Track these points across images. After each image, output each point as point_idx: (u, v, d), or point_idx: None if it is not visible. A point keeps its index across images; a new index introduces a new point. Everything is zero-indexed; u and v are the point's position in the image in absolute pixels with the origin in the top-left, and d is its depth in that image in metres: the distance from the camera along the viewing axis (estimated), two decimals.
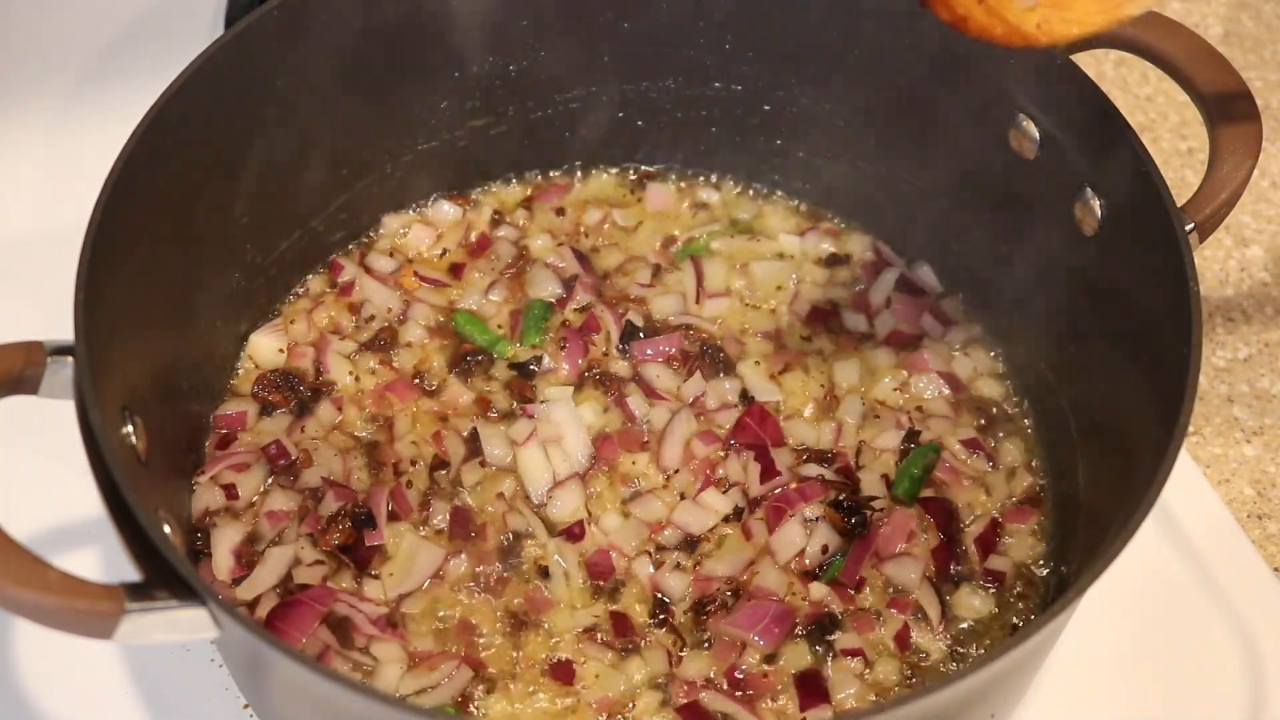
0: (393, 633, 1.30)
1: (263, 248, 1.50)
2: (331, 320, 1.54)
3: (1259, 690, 1.39)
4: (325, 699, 1.04)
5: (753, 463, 1.42)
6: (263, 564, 1.34)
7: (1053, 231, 1.39)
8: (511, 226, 1.63)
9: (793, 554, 1.36)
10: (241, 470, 1.40)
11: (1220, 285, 1.77)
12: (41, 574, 0.96)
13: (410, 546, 1.36)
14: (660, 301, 1.56)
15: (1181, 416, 1.11)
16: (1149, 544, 1.45)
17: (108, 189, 1.19)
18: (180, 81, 1.29)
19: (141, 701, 1.35)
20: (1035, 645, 1.12)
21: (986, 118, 1.43)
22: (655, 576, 1.34)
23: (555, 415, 1.44)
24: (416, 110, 1.57)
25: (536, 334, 1.53)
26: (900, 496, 1.40)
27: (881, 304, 1.57)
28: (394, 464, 1.42)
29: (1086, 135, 1.33)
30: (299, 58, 1.41)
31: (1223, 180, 1.25)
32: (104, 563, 1.42)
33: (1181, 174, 1.90)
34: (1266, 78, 2.03)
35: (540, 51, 1.56)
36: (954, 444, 1.45)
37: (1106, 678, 1.39)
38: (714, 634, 1.31)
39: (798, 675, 1.29)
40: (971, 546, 1.39)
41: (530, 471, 1.41)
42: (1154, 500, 1.07)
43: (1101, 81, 1.70)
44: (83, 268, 1.14)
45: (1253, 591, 1.45)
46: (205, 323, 1.44)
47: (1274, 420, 1.65)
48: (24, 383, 1.09)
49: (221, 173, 1.38)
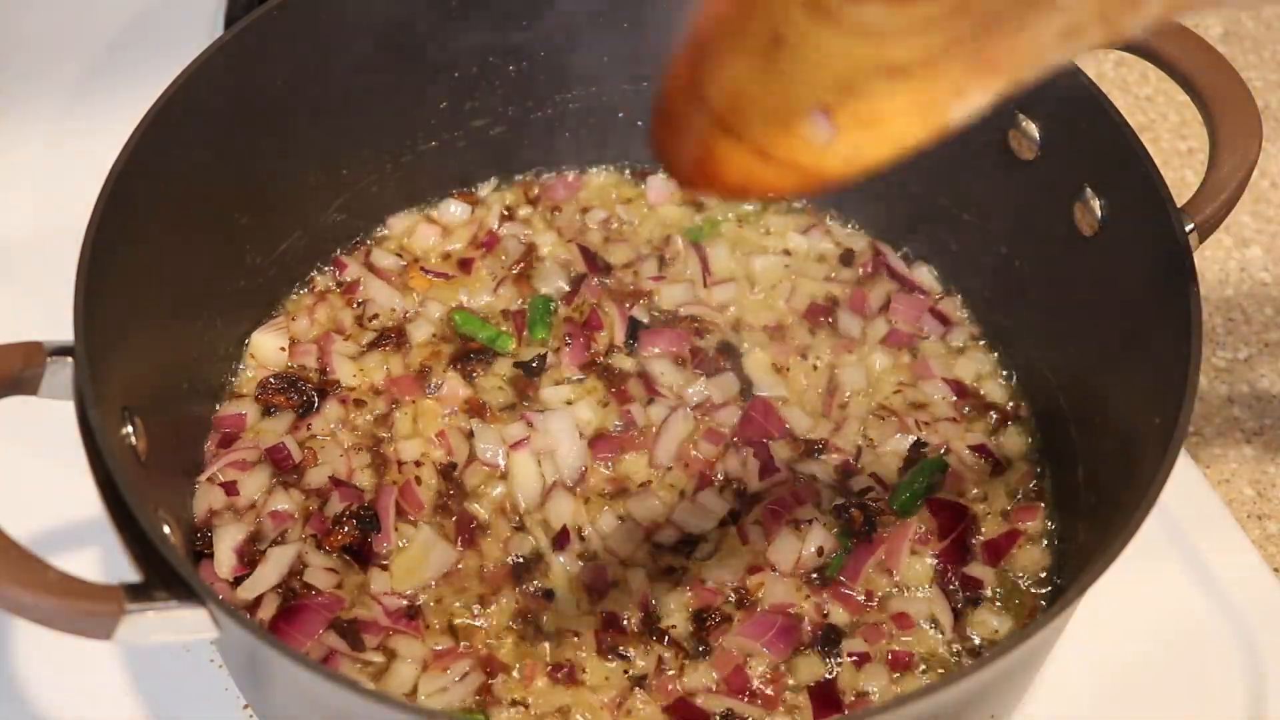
0: (409, 624, 1.30)
1: (263, 248, 1.50)
2: (334, 318, 1.54)
3: (1259, 690, 1.39)
4: (325, 699, 1.04)
5: (752, 459, 1.42)
6: (264, 563, 1.34)
7: (1053, 231, 1.39)
8: (518, 223, 1.63)
9: (793, 560, 1.36)
10: (244, 469, 1.40)
11: (1220, 285, 1.77)
12: (41, 574, 0.96)
13: (424, 543, 1.36)
14: (668, 291, 1.56)
15: (1181, 416, 1.11)
16: (1149, 544, 1.44)
17: (108, 189, 1.19)
18: (180, 81, 1.29)
19: (141, 701, 1.35)
20: (1035, 645, 1.12)
21: (986, 118, 1.42)
22: (648, 593, 1.34)
23: (553, 425, 1.44)
24: (416, 110, 1.57)
25: (543, 329, 1.53)
26: (897, 510, 1.40)
27: (881, 304, 1.57)
28: (398, 463, 1.42)
29: (1086, 135, 1.33)
30: (299, 58, 1.41)
31: (1223, 180, 1.25)
32: (104, 563, 1.42)
33: (1181, 174, 1.90)
34: (1266, 78, 2.03)
35: (540, 52, 1.57)
36: (962, 449, 1.45)
37: (1106, 678, 1.39)
38: (718, 647, 1.31)
39: (811, 687, 1.29)
40: (980, 551, 1.38)
41: (521, 480, 1.41)
42: (1154, 500, 1.07)
43: (1101, 81, 1.70)
44: (83, 268, 1.14)
45: (1253, 591, 1.45)
46: (205, 323, 1.44)
47: (1274, 420, 1.65)
48: (24, 383, 1.09)
49: (221, 173, 1.38)
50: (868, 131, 0.94)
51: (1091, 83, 1.32)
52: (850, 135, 0.93)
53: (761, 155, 0.95)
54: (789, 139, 0.94)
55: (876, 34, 0.88)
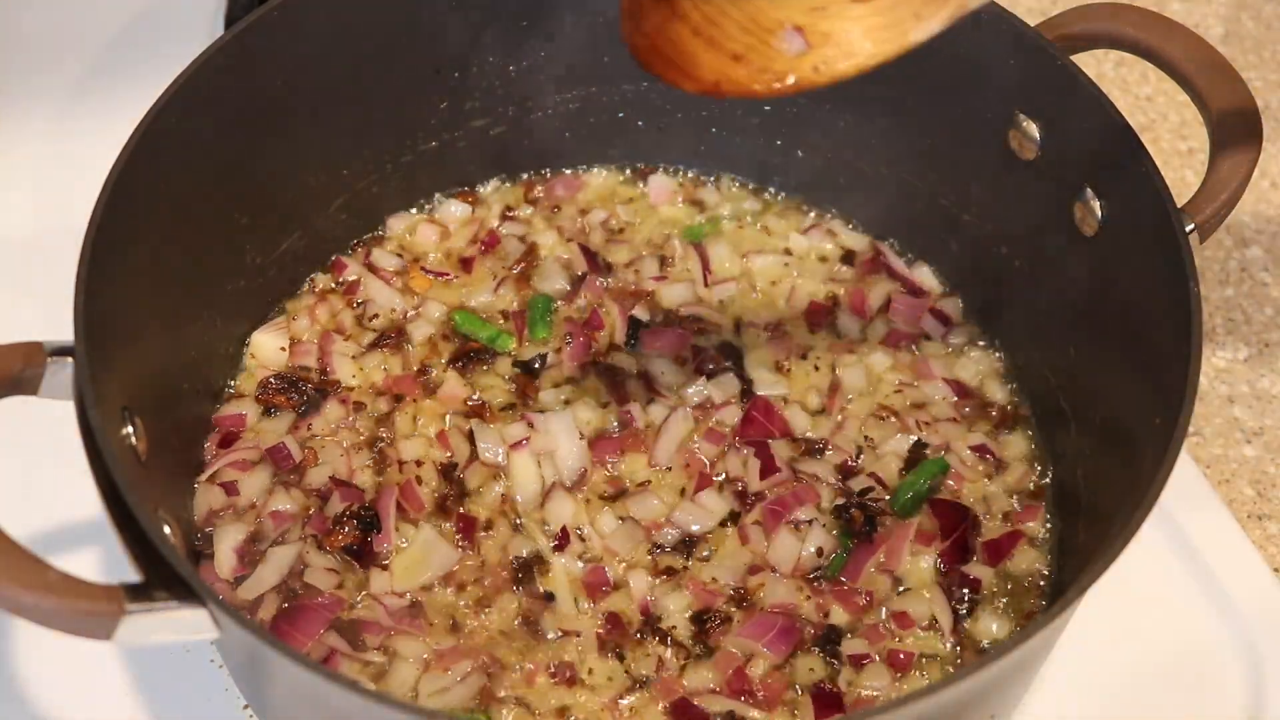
0: (411, 623, 1.30)
1: (263, 248, 1.50)
2: (334, 318, 1.54)
3: (1259, 690, 1.39)
4: (325, 699, 1.04)
5: (753, 459, 1.42)
6: (264, 563, 1.34)
7: (1053, 231, 1.39)
8: (519, 223, 1.63)
9: (793, 561, 1.35)
10: (244, 469, 1.40)
11: (1220, 285, 1.77)
12: (41, 574, 0.96)
13: (425, 543, 1.36)
14: (669, 290, 1.57)
15: (1181, 417, 1.11)
16: (1149, 544, 1.44)
17: (108, 189, 1.19)
18: (180, 81, 1.29)
19: (141, 701, 1.35)
20: (1035, 645, 1.12)
21: (987, 118, 1.43)
22: (648, 600, 1.33)
23: (553, 426, 1.44)
24: (416, 110, 1.57)
25: (544, 329, 1.53)
26: (898, 511, 1.40)
27: (881, 304, 1.57)
28: (399, 463, 1.42)
29: (1086, 135, 1.33)
30: (299, 58, 1.41)
31: (1223, 180, 1.25)
32: (104, 563, 1.42)
33: (1181, 174, 1.90)
34: (1266, 78, 2.03)
35: (540, 51, 1.57)
36: (963, 449, 1.45)
37: (1107, 678, 1.39)
38: (718, 648, 1.31)
39: (812, 689, 1.29)
40: (981, 552, 1.38)
41: (521, 481, 1.41)
42: (1154, 500, 1.07)
43: (1101, 81, 1.69)
44: (83, 268, 1.14)
45: (1253, 591, 1.45)
46: (206, 323, 1.44)
47: (1274, 420, 1.65)
48: (24, 383, 1.09)
49: (221, 173, 1.38)
50: (837, 47, 1.02)
51: (1091, 83, 1.32)
52: (820, 49, 1.02)
53: (735, 58, 1.03)
54: (763, 49, 1.02)
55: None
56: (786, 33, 1.02)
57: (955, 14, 1.01)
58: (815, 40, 1.02)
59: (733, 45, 1.03)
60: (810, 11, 1.01)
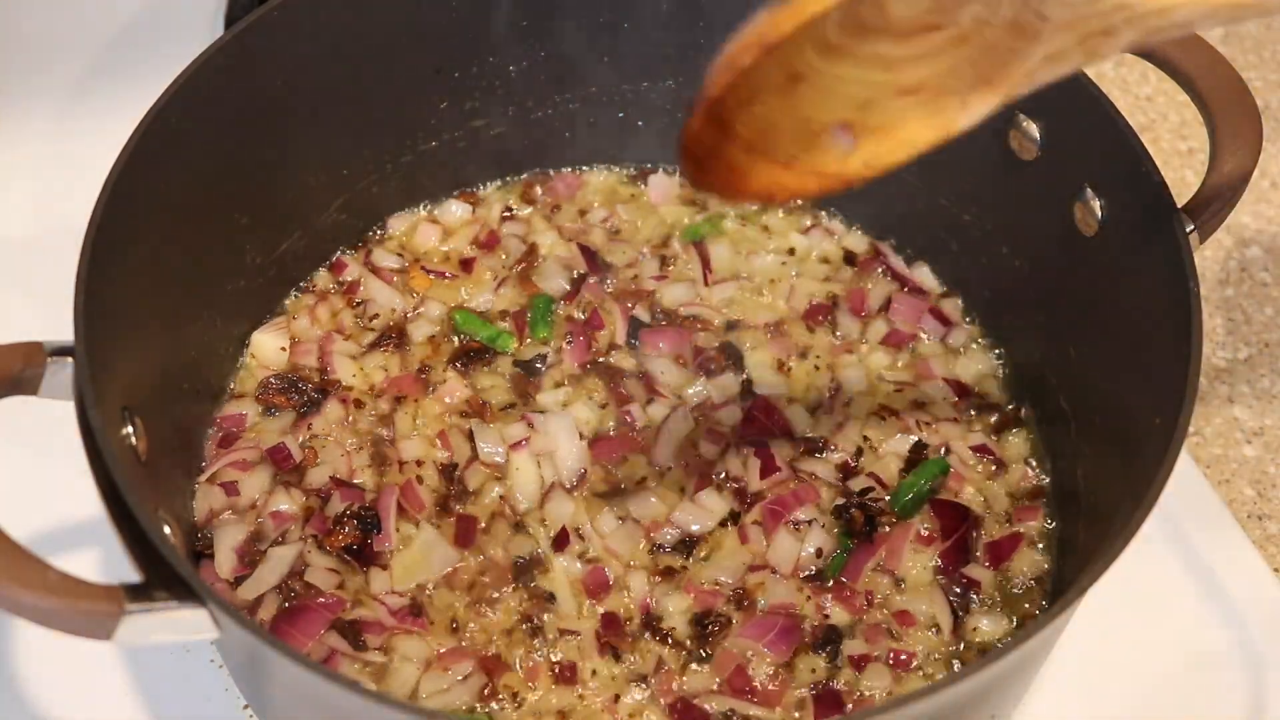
0: (413, 622, 1.30)
1: (263, 248, 1.50)
2: (335, 318, 1.54)
3: (1259, 691, 1.39)
4: (325, 700, 1.04)
5: (752, 459, 1.42)
6: (265, 563, 1.34)
7: (1053, 231, 1.39)
8: (519, 223, 1.63)
9: (793, 561, 1.35)
10: (244, 469, 1.40)
11: (1220, 285, 1.77)
12: (41, 574, 0.96)
13: (425, 543, 1.36)
14: (670, 291, 1.57)
15: (1181, 417, 1.11)
16: (1149, 544, 1.44)
17: (108, 189, 1.19)
18: (180, 81, 1.29)
19: (141, 701, 1.35)
20: (1035, 646, 1.12)
21: (986, 118, 1.43)
22: (648, 600, 1.33)
23: (552, 427, 1.44)
24: (416, 110, 1.57)
25: (545, 328, 1.53)
26: (898, 511, 1.39)
27: (881, 304, 1.57)
28: (399, 463, 1.42)
29: (1086, 135, 1.33)
30: (299, 58, 1.41)
31: (1223, 180, 1.25)
32: (104, 563, 1.42)
33: (1181, 174, 1.90)
34: (1266, 78, 2.03)
35: (540, 51, 1.57)
36: (963, 449, 1.45)
37: (1106, 678, 1.40)
38: (718, 649, 1.31)
39: (813, 689, 1.29)
40: (982, 553, 1.38)
41: (520, 481, 1.41)
42: (1154, 501, 1.07)
43: (1101, 81, 1.69)
44: (83, 268, 1.14)
45: (1253, 591, 1.45)
46: (206, 323, 1.44)
47: (1274, 420, 1.65)
48: (24, 383, 1.09)
49: (221, 173, 1.38)
50: (885, 140, 1.03)
51: (1091, 83, 1.32)
52: (869, 144, 1.03)
53: (786, 166, 1.03)
54: (812, 152, 1.03)
55: (888, 62, 0.97)
56: (835, 132, 1.02)
57: (1003, 101, 1.02)
58: (863, 135, 1.02)
59: (783, 154, 1.03)
60: (858, 108, 1.01)
